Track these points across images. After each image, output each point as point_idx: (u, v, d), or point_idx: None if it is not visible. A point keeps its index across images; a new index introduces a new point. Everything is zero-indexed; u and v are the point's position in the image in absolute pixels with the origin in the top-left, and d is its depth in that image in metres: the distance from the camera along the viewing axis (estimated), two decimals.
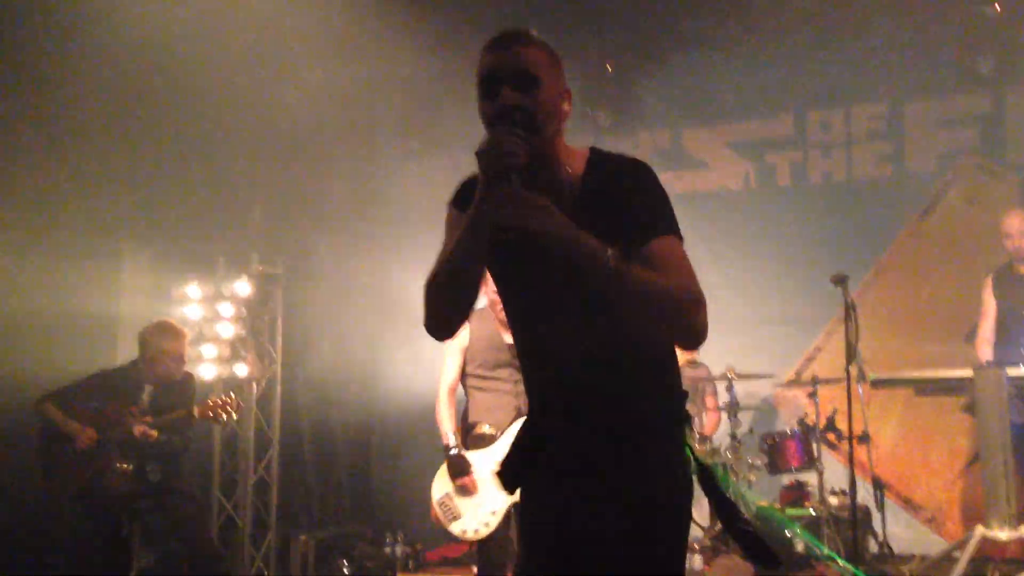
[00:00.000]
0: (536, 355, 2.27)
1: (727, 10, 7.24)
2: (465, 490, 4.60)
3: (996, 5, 6.50)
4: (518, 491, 2.33)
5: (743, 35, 7.34)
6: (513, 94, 2.08)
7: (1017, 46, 6.59)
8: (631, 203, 2.12)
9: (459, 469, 4.60)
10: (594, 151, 2.24)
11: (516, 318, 2.32)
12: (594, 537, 2.12)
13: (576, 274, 2.00)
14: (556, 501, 2.19)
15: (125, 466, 5.16)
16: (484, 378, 4.75)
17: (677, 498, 2.16)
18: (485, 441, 4.68)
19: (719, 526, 5.29)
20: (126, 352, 6.18)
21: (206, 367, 6.96)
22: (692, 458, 2.18)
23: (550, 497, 2.21)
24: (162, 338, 5.47)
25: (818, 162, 7.38)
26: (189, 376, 5.79)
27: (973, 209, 6.78)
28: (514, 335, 2.33)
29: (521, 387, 4.25)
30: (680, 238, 2.14)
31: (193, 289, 7.14)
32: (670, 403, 2.21)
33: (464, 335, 4.78)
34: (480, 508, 4.57)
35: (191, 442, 5.64)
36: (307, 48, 6.77)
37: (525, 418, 2.35)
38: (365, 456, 8.38)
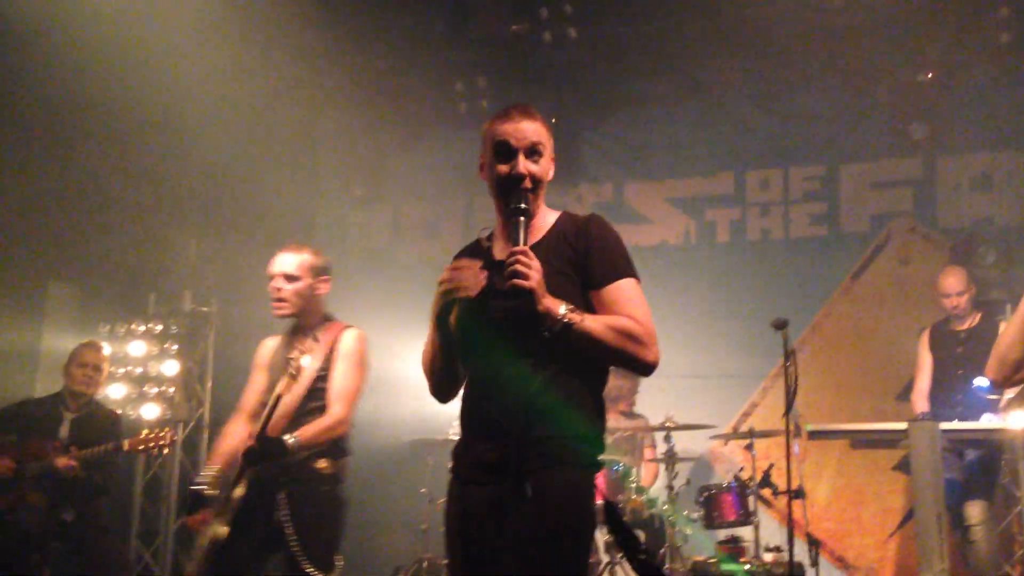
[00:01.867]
0: (481, 387, 2.55)
1: (670, 70, 7.40)
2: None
3: (928, 73, 6.73)
4: None
5: (685, 94, 7.51)
6: (526, 162, 2.54)
7: (948, 113, 6.82)
8: (590, 252, 2.52)
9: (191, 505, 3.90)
10: (564, 213, 2.67)
11: (474, 355, 2.59)
12: (499, 544, 2.39)
13: (534, 324, 2.38)
14: (469, 507, 2.49)
15: (38, 499, 4.92)
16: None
17: (577, 525, 2.42)
18: None
19: None
20: (46, 389, 5.96)
21: (131, 405, 6.73)
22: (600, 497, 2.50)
23: (464, 503, 2.51)
24: (80, 349, 5.50)
25: (756, 220, 7.48)
26: (115, 415, 5.63)
27: (905, 269, 6.93)
28: (467, 367, 2.63)
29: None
30: (637, 279, 2.55)
31: (123, 327, 6.93)
32: (588, 445, 2.48)
33: (266, 353, 4.18)
34: None
35: (112, 483, 5.42)
36: (248, 87, 6.70)
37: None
38: None
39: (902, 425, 4.99)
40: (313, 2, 6.56)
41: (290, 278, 3.93)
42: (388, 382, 5.54)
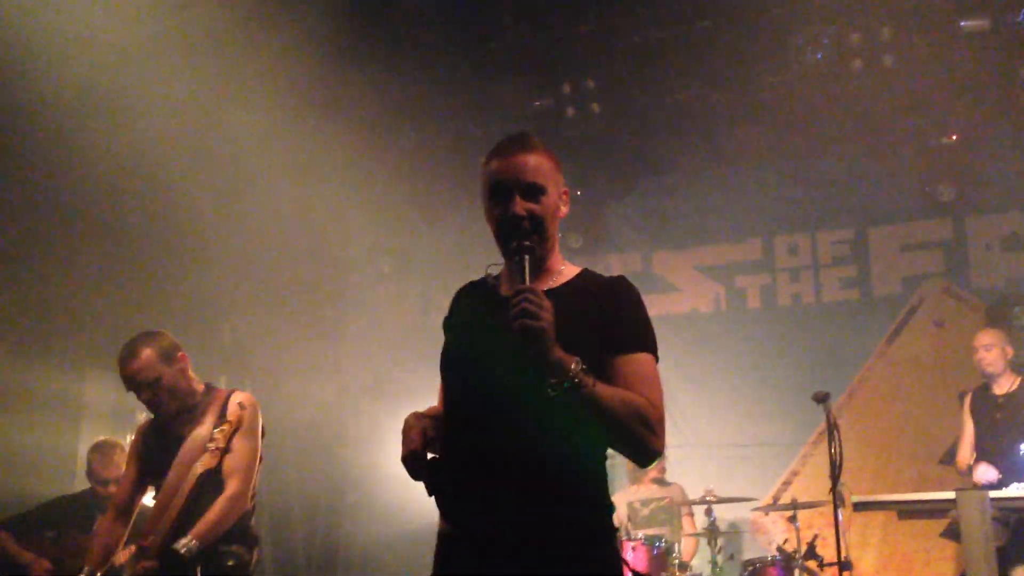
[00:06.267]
0: (468, 449, 2.20)
1: (694, 139, 7.45)
2: None
3: (953, 135, 6.73)
4: None
5: (710, 162, 7.55)
6: (523, 203, 2.24)
7: (975, 175, 6.80)
8: (612, 316, 2.23)
9: None
10: (586, 270, 2.39)
11: (461, 408, 2.27)
12: None
13: (538, 377, 2.06)
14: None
15: None
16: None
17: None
18: None
19: None
20: (85, 481, 5.97)
21: None
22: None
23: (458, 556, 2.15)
24: (93, 456, 5.29)
25: (787, 285, 7.46)
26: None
27: (941, 331, 6.85)
28: (450, 423, 2.29)
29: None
30: (656, 357, 2.25)
31: None
32: (596, 514, 2.17)
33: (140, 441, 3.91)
34: None
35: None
36: (277, 168, 6.81)
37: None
38: None
39: (950, 494, 4.89)
40: (339, 81, 6.69)
41: (149, 385, 3.66)
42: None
